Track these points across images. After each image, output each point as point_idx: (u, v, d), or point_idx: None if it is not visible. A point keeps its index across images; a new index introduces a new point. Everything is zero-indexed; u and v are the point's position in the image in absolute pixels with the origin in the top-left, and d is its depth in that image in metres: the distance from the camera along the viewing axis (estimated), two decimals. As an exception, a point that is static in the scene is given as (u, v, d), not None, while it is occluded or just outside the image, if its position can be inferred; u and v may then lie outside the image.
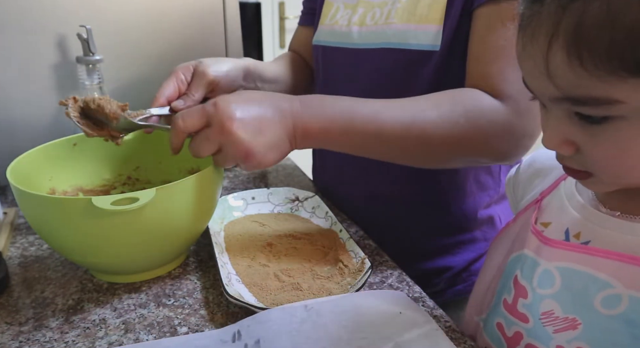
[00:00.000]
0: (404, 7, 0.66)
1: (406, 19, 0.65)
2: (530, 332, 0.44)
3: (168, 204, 0.51)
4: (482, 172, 0.73)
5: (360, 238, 0.69)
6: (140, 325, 0.51)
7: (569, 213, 0.45)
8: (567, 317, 0.41)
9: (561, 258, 0.42)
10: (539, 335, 0.44)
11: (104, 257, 0.54)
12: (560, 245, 0.42)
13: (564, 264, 0.42)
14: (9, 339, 0.49)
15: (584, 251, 0.41)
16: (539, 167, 0.54)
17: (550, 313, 0.42)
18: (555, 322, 0.42)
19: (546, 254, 0.43)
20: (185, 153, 0.68)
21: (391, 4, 0.68)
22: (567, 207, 0.45)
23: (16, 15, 0.71)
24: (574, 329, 0.41)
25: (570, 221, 0.44)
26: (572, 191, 0.46)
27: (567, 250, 0.42)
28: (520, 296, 0.45)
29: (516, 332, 0.46)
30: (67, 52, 0.75)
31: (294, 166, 0.96)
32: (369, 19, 0.70)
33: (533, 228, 0.46)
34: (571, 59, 0.33)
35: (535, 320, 0.44)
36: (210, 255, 0.63)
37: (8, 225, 0.68)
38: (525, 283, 0.45)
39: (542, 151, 0.55)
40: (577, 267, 0.41)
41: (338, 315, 0.49)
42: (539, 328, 0.43)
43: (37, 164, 0.61)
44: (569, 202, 0.46)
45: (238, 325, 0.48)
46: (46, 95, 0.76)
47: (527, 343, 0.45)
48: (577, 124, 0.37)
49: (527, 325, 0.45)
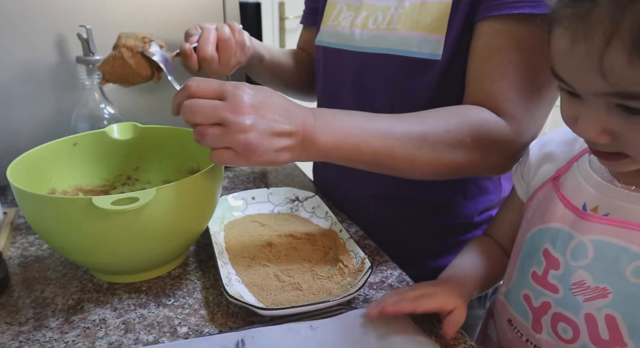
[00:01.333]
0: (408, 14, 0.66)
1: (409, 26, 0.65)
2: (560, 302, 0.48)
3: (168, 204, 0.51)
4: (482, 178, 0.73)
5: (360, 238, 0.69)
6: (140, 325, 0.51)
7: (585, 190, 0.48)
8: (598, 286, 0.44)
9: (596, 231, 0.45)
10: (568, 304, 0.47)
11: (104, 257, 0.54)
12: (596, 219, 0.45)
13: (598, 237, 0.45)
14: (9, 339, 0.49)
15: (619, 225, 0.43)
16: (548, 151, 0.55)
17: (581, 283, 0.46)
18: (587, 291, 0.45)
19: (581, 228, 0.46)
20: (186, 153, 0.68)
21: (394, 10, 0.68)
22: (583, 184, 0.48)
23: (16, 15, 0.71)
24: (604, 297, 0.44)
25: (587, 197, 0.47)
26: (587, 170, 0.49)
27: (602, 224, 0.45)
28: (552, 268, 0.48)
29: (544, 302, 0.49)
30: (67, 52, 0.75)
31: (294, 166, 0.96)
32: (371, 23, 0.70)
33: (568, 203, 0.48)
34: (632, 58, 0.34)
35: (565, 290, 0.47)
36: (210, 255, 0.63)
37: (8, 225, 0.68)
38: (559, 256, 0.48)
39: (551, 136, 0.57)
40: (611, 239, 0.44)
41: (342, 333, 0.49)
42: (569, 297, 0.46)
43: (37, 164, 0.61)
44: (585, 179, 0.49)
45: (242, 333, 0.48)
46: (46, 95, 0.76)
47: (555, 313, 0.48)
48: (617, 115, 0.38)
49: (557, 295, 0.48)
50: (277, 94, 0.52)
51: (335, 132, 0.53)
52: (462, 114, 0.58)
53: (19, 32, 0.72)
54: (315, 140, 0.52)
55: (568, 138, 0.55)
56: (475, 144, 0.57)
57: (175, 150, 0.68)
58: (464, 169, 0.59)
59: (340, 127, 0.53)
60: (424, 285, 0.53)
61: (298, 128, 0.51)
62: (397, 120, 0.56)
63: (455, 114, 0.58)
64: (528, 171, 0.58)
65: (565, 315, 0.47)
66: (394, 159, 0.55)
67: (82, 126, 0.73)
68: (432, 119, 0.57)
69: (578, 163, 0.51)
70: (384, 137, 0.54)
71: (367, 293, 0.56)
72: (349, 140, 0.53)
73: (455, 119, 0.57)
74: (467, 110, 0.58)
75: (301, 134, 0.51)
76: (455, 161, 0.57)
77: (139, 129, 0.69)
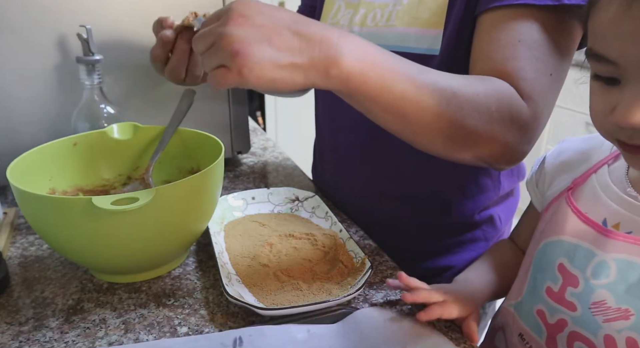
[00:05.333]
0: (405, 10, 0.66)
1: (407, 22, 0.65)
2: (577, 320, 0.45)
3: (168, 204, 0.51)
4: (481, 175, 0.73)
5: (360, 238, 0.69)
6: (140, 325, 0.51)
7: (604, 204, 0.46)
8: (619, 307, 0.42)
9: (620, 250, 0.43)
10: (586, 323, 0.44)
11: (104, 257, 0.54)
12: (621, 237, 0.43)
13: (622, 256, 0.42)
14: (9, 339, 0.49)
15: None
16: (565, 160, 0.54)
17: (602, 302, 0.43)
18: (607, 311, 0.43)
19: (604, 245, 0.44)
20: (186, 153, 0.68)
21: (392, 6, 0.68)
22: (603, 198, 0.46)
23: (16, 15, 0.71)
24: (626, 319, 0.42)
25: (608, 212, 0.45)
26: (607, 183, 0.47)
27: (628, 242, 0.42)
28: (570, 285, 0.46)
29: (560, 319, 0.47)
30: (67, 52, 0.75)
31: (294, 166, 0.96)
32: (369, 20, 0.70)
33: (585, 218, 0.46)
34: None
35: (584, 309, 0.44)
36: (210, 255, 0.63)
37: (8, 225, 0.68)
38: (578, 273, 0.45)
39: (567, 145, 0.55)
40: (636, 259, 0.42)
41: (340, 338, 0.49)
42: (588, 316, 0.44)
43: (37, 164, 0.61)
44: (605, 193, 0.46)
45: (240, 331, 0.48)
46: (46, 95, 0.76)
47: (571, 331, 0.46)
48: None
49: (575, 314, 0.45)
50: (287, 10, 0.47)
51: (364, 55, 0.46)
52: (491, 81, 0.53)
53: (19, 32, 0.72)
54: (339, 59, 0.44)
55: (585, 147, 0.53)
56: (499, 115, 0.51)
57: (175, 150, 0.68)
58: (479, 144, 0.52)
59: (370, 53, 0.47)
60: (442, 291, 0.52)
61: (310, 43, 0.44)
62: (427, 70, 0.50)
63: (484, 79, 0.53)
64: (543, 180, 0.56)
65: (582, 335, 0.45)
66: (419, 108, 0.48)
67: (82, 126, 0.73)
68: (462, 78, 0.52)
69: (597, 175, 0.49)
70: (413, 80, 0.48)
71: (367, 293, 0.56)
72: (376, 69, 0.46)
73: (484, 83, 0.52)
74: (495, 79, 0.53)
75: (316, 51, 0.44)
76: (476, 130, 0.50)
77: (139, 128, 0.69)
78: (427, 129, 0.50)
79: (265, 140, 1.11)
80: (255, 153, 1.03)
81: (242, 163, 0.96)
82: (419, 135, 0.52)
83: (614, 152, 0.50)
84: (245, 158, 0.99)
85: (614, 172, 0.48)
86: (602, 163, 0.49)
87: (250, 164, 0.97)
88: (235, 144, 0.92)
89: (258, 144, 1.08)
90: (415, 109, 0.48)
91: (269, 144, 1.09)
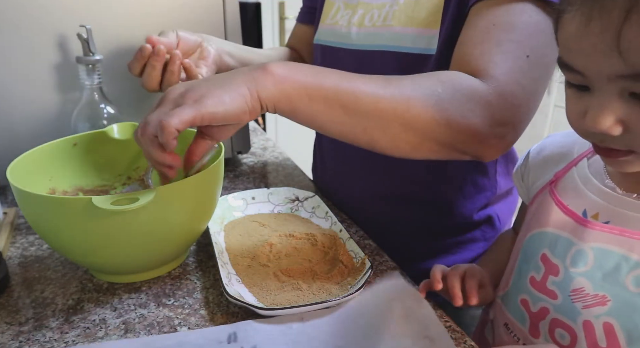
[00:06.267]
0: (402, 10, 0.66)
1: (404, 22, 0.65)
2: (558, 308, 0.47)
3: (168, 204, 0.51)
4: (477, 175, 0.73)
5: (360, 238, 0.69)
6: (140, 325, 0.51)
7: (584, 196, 0.47)
8: (597, 294, 0.44)
9: (597, 239, 0.44)
10: (566, 310, 0.46)
11: (104, 257, 0.54)
12: (598, 226, 0.45)
13: (599, 244, 0.44)
14: (9, 339, 0.49)
15: (620, 233, 0.43)
16: (548, 154, 0.55)
17: (580, 290, 0.45)
18: (586, 298, 0.45)
19: (582, 235, 0.46)
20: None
21: (389, 6, 0.68)
22: (583, 190, 0.48)
23: (16, 15, 0.71)
24: (603, 305, 0.44)
25: (587, 203, 0.47)
26: (587, 175, 0.49)
27: (604, 231, 0.44)
28: (551, 274, 0.48)
29: (542, 307, 0.49)
30: (67, 52, 0.75)
31: (294, 166, 0.96)
32: (367, 21, 0.70)
33: (566, 209, 0.48)
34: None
35: (564, 297, 0.47)
36: (210, 255, 0.63)
37: (8, 225, 0.68)
38: (558, 262, 0.47)
39: (550, 140, 0.57)
40: (611, 247, 0.44)
41: (334, 327, 0.49)
42: (568, 304, 0.46)
43: (37, 164, 0.61)
44: (584, 185, 0.48)
45: (235, 326, 0.48)
46: (46, 95, 0.76)
47: (553, 318, 0.48)
48: (629, 103, 0.38)
49: (555, 302, 0.47)
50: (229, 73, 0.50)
51: (289, 65, 0.50)
52: (435, 72, 0.54)
53: (19, 32, 0.72)
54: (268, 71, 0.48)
55: (566, 141, 0.54)
56: (448, 95, 0.50)
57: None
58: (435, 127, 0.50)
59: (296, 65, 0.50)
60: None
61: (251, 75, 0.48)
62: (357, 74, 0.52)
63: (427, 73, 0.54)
64: (528, 174, 0.57)
65: (563, 322, 0.47)
66: (355, 98, 0.49)
67: (82, 126, 0.73)
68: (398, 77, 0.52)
69: (577, 167, 0.50)
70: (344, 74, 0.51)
71: (367, 293, 0.56)
72: (304, 70, 0.49)
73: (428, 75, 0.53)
74: (442, 71, 0.54)
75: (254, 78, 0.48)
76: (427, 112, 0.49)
77: (139, 129, 0.69)
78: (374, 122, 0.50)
79: (265, 140, 1.11)
80: (255, 153, 1.03)
81: (242, 163, 0.96)
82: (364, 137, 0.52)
83: None
84: (245, 158, 0.99)
85: (593, 165, 0.49)
86: (582, 156, 0.51)
87: (250, 164, 0.97)
88: (235, 144, 0.92)
89: (258, 144, 1.09)
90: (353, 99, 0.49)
91: (269, 144, 1.09)
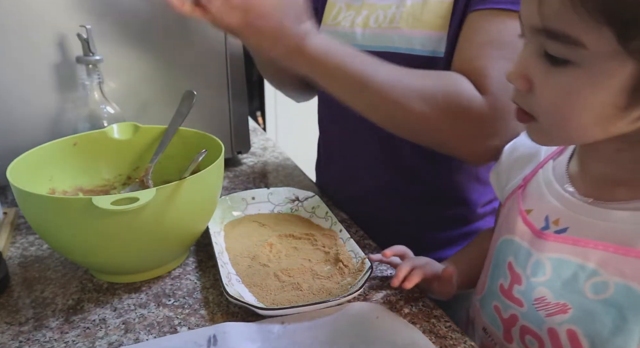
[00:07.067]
0: (409, 12, 0.66)
1: (412, 24, 0.66)
2: (525, 315, 0.47)
3: (168, 204, 0.51)
4: (481, 170, 0.73)
5: (360, 238, 0.69)
6: (140, 325, 0.51)
7: (547, 201, 0.47)
8: (558, 302, 0.44)
9: (552, 249, 0.45)
10: (532, 318, 0.47)
11: (104, 257, 0.54)
12: (552, 237, 0.45)
13: (555, 255, 0.44)
14: (9, 339, 0.49)
15: (574, 243, 0.43)
16: (519, 156, 0.55)
17: (542, 299, 0.45)
18: (547, 307, 0.45)
19: (538, 246, 0.46)
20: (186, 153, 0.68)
21: (395, 8, 0.68)
22: (546, 194, 0.48)
23: (16, 15, 0.71)
24: (564, 313, 0.44)
25: (550, 208, 0.47)
26: (550, 179, 0.48)
27: (558, 242, 0.44)
28: (516, 282, 0.48)
29: (512, 314, 0.49)
30: (67, 52, 0.75)
31: (294, 166, 0.96)
32: (372, 21, 0.70)
33: (525, 219, 0.48)
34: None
35: (529, 305, 0.47)
36: (210, 255, 0.63)
37: (8, 225, 0.68)
38: (520, 271, 0.48)
39: (522, 138, 0.56)
40: (567, 257, 0.43)
41: (314, 331, 0.49)
42: (533, 312, 0.46)
43: (37, 164, 0.61)
44: (547, 189, 0.48)
45: (214, 328, 0.48)
46: (46, 95, 0.76)
47: (521, 325, 0.48)
48: (541, 63, 0.39)
49: (522, 309, 0.47)
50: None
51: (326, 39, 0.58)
52: (445, 76, 0.59)
53: (19, 32, 0.72)
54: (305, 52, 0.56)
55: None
56: (446, 104, 0.56)
57: (175, 150, 0.68)
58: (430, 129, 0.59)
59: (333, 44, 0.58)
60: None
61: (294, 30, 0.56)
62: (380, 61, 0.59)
63: (439, 74, 0.59)
64: (502, 175, 0.57)
65: (531, 329, 0.47)
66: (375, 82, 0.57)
67: (82, 126, 0.73)
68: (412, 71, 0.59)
69: (543, 170, 0.50)
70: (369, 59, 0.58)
71: (367, 293, 0.56)
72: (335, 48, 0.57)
73: (437, 77, 0.59)
74: (451, 76, 0.59)
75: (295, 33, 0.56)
76: (424, 115, 0.56)
77: (139, 129, 0.69)
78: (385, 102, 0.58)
79: (265, 140, 1.11)
80: (255, 153, 1.03)
81: (242, 163, 0.96)
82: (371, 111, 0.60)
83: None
84: (245, 158, 0.99)
85: (557, 167, 0.49)
86: (548, 157, 0.51)
87: (250, 163, 0.97)
88: (235, 144, 0.92)
89: (258, 144, 1.08)
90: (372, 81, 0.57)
91: (269, 144, 1.09)
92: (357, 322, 0.50)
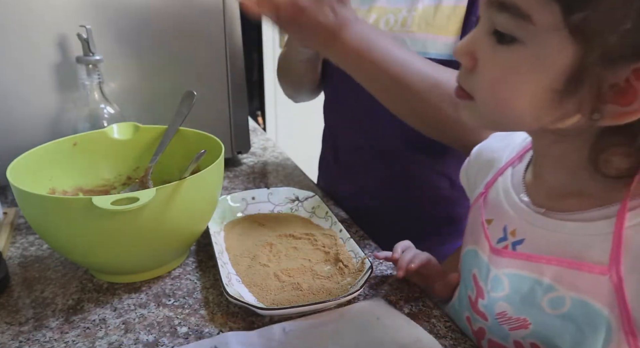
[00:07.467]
0: (421, 16, 0.66)
1: (424, 28, 0.66)
2: (490, 329, 0.47)
3: (168, 204, 0.51)
4: None
5: (360, 238, 0.69)
6: (140, 325, 0.51)
7: (505, 211, 0.46)
8: (518, 317, 0.44)
9: (508, 265, 0.44)
10: (497, 331, 0.46)
11: (104, 257, 0.54)
12: (506, 254, 0.44)
13: (512, 270, 0.44)
14: (9, 339, 0.49)
15: (528, 258, 0.42)
16: (484, 159, 0.54)
17: (503, 313, 0.45)
18: (509, 321, 0.45)
19: (495, 262, 0.45)
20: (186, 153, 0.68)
21: (406, 12, 0.68)
22: (504, 204, 0.47)
23: (16, 14, 0.71)
24: (525, 328, 0.43)
25: (507, 218, 0.46)
26: (508, 187, 0.47)
27: (512, 258, 0.43)
28: (480, 296, 0.48)
29: (480, 327, 0.49)
30: (67, 52, 0.75)
31: (294, 166, 0.96)
32: (382, 25, 0.70)
33: (485, 233, 0.47)
34: None
35: (492, 319, 0.46)
36: (210, 255, 0.63)
37: (8, 225, 0.68)
38: (482, 285, 0.47)
39: (488, 142, 0.55)
40: (523, 272, 0.43)
41: (316, 336, 0.49)
42: (497, 326, 0.46)
43: (37, 164, 0.61)
44: (505, 198, 0.47)
45: (215, 340, 0.48)
46: (46, 95, 0.76)
47: (489, 339, 0.48)
48: (489, 42, 0.38)
49: (487, 323, 0.47)
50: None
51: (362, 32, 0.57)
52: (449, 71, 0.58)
53: (19, 32, 0.72)
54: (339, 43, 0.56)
55: (499, 145, 0.53)
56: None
57: (175, 150, 0.68)
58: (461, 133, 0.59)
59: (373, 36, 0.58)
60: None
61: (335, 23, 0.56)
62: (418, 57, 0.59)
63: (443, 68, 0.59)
64: (470, 177, 0.56)
65: (498, 342, 0.47)
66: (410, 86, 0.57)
67: (82, 126, 0.73)
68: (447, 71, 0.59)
69: (502, 177, 0.49)
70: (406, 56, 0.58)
71: (367, 293, 0.56)
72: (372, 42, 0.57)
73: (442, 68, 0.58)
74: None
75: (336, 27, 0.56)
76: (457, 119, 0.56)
77: (139, 129, 0.69)
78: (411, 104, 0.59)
79: (265, 140, 1.11)
80: (255, 153, 1.03)
81: (242, 163, 0.97)
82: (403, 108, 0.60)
83: (520, 151, 0.50)
84: (245, 158, 0.99)
85: (516, 175, 0.48)
86: (507, 164, 0.49)
87: (250, 164, 0.97)
88: (235, 144, 0.92)
89: (258, 144, 1.09)
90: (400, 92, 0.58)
91: (269, 144, 1.09)
92: (358, 324, 0.50)
